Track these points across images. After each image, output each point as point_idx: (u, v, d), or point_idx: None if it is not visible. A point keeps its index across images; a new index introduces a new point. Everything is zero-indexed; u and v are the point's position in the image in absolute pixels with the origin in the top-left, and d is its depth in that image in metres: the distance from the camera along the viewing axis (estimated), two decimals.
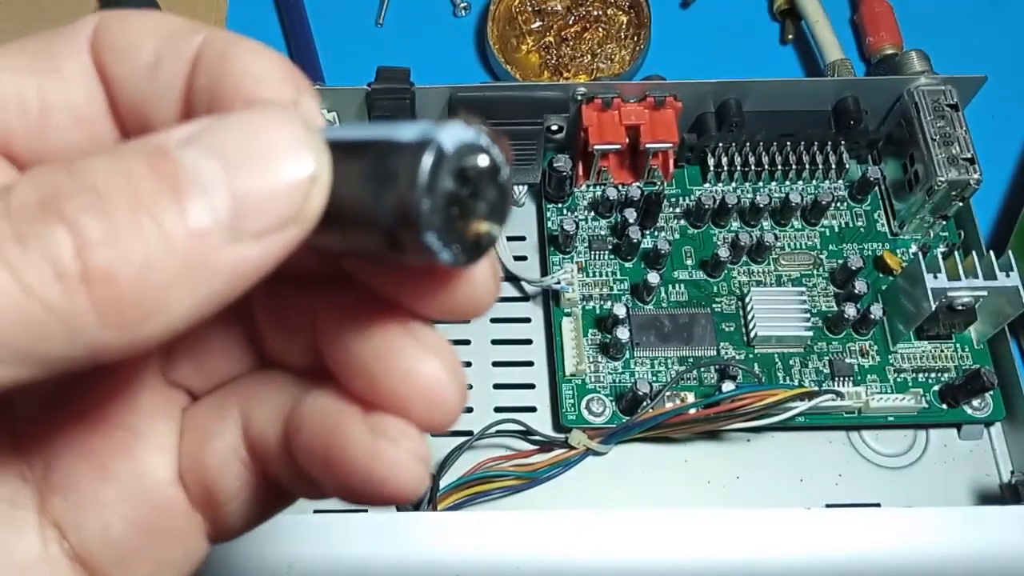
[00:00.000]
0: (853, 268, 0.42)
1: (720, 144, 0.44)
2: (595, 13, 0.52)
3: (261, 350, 0.18)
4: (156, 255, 0.13)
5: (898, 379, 0.41)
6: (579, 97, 0.42)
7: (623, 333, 0.40)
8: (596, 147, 0.42)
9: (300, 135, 0.14)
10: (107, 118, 0.16)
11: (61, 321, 0.12)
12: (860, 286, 0.41)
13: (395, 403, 0.16)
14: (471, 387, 0.42)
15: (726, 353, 0.41)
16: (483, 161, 0.14)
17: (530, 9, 0.52)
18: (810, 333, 0.40)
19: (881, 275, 0.43)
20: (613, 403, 0.40)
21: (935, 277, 0.39)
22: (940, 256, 0.39)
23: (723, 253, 0.42)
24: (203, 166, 0.13)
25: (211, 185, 0.13)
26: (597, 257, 0.43)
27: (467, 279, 0.16)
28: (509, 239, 0.45)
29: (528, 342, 0.43)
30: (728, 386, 0.39)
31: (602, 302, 0.42)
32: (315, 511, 0.39)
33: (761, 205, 0.43)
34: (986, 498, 0.40)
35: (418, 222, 0.13)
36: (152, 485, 0.17)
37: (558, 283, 0.41)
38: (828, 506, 0.39)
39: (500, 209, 0.14)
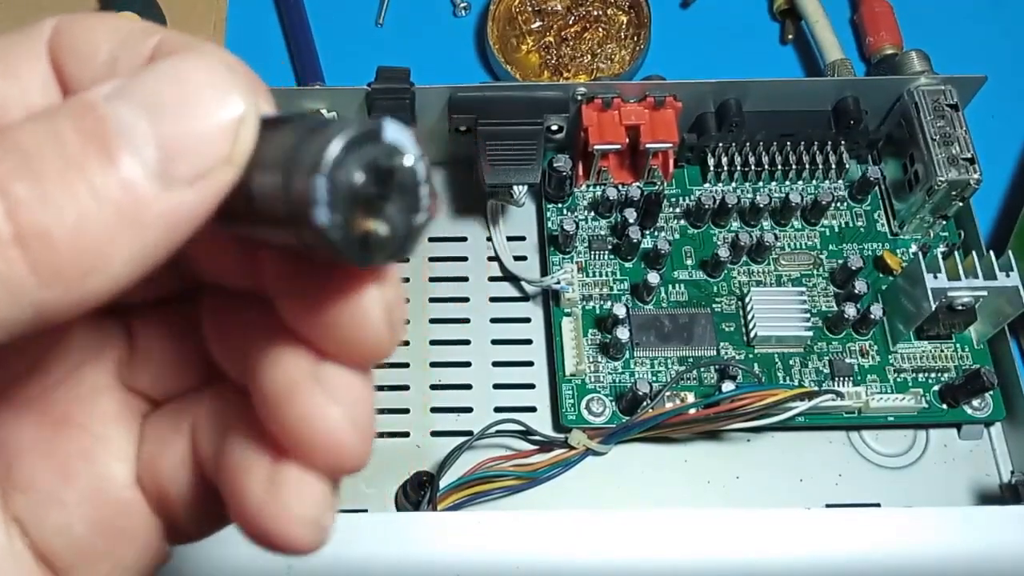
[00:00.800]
0: (853, 268, 0.42)
1: (720, 144, 0.44)
2: (595, 13, 0.52)
3: (213, 366, 0.18)
4: (89, 211, 0.13)
5: (898, 379, 0.41)
6: (579, 97, 0.42)
7: (623, 333, 0.40)
8: (596, 147, 0.42)
9: (225, 77, 0.14)
10: None
11: (1, 284, 0.12)
12: (860, 286, 0.41)
13: (296, 447, 0.15)
14: (471, 387, 0.42)
15: (726, 353, 0.41)
16: (401, 162, 0.14)
17: (530, 9, 0.52)
18: (810, 333, 0.40)
19: (881, 275, 0.43)
20: (613, 403, 0.40)
21: (935, 277, 0.39)
22: (940, 256, 0.39)
23: (723, 253, 0.42)
24: (129, 117, 0.13)
25: (138, 135, 0.13)
26: (597, 257, 0.43)
27: (357, 301, 0.15)
28: (509, 239, 0.45)
29: (528, 342, 0.43)
30: (728, 386, 0.39)
31: (602, 302, 0.42)
32: None
33: (761, 205, 0.43)
34: (986, 498, 0.40)
35: (314, 196, 0.13)
36: (111, 488, 0.17)
37: (558, 283, 0.41)
38: (828, 506, 0.39)
39: (406, 219, 0.14)
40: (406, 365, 0.43)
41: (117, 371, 0.18)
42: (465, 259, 0.45)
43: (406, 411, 0.42)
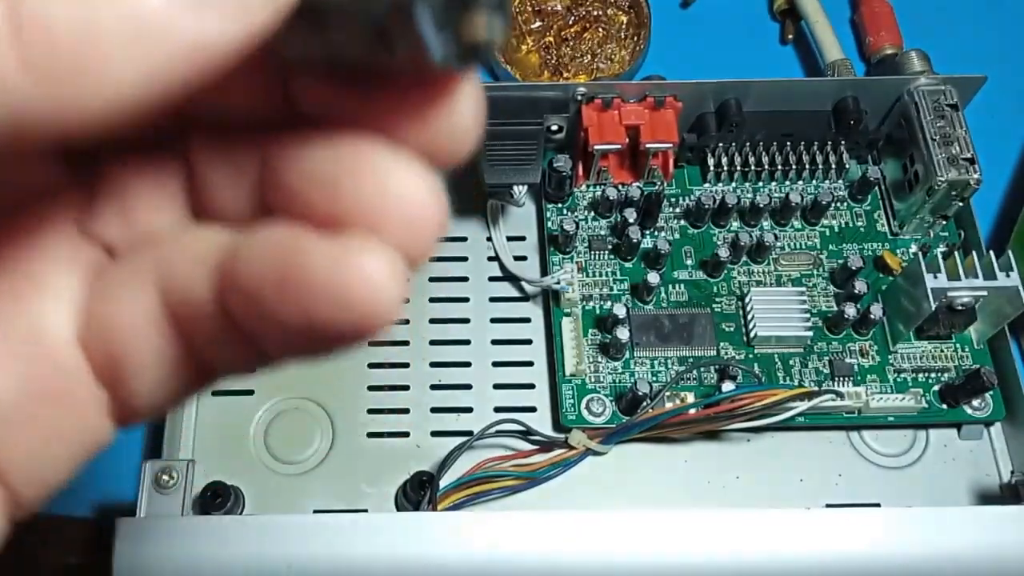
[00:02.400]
0: (853, 268, 0.42)
1: (720, 144, 0.44)
2: (595, 13, 0.52)
3: (195, 200, 0.16)
4: (102, 9, 0.11)
5: (898, 379, 0.41)
6: (579, 97, 0.42)
7: (623, 333, 0.40)
8: (596, 147, 0.42)
9: None
10: None
11: None
12: (860, 286, 0.41)
13: (365, 221, 0.13)
14: (471, 387, 0.42)
15: (726, 353, 0.41)
16: None
17: (530, 9, 0.52)
18: (810, 333, 0.40)
19: (881, 275, 0.43)
20: (613, 403, 0.40)
21: (935, 277, 0.39)
22: (940, 256, 0.39)
23: (723, 253, 0.42)
24: None
25: None
26: (597, 257, 0.43)
27: (451, 103, 0.14)
28: (509, 239, 0.45)
29: (528, 342, 0.43)
30: (728, 386, 0.39)
31: (602, 302, 0.42)
32: (315, 511, 0.39)
33: (761, 205, 0.43)
34: (986, 498, 0.40)
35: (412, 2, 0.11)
36: (49, 343, 0.15)
37: (558, 283, 0.41)
38: (828, 506, 0.39)
39: (502, 9, 0.12)
40: (406, 365, 0.43)
41: (75, 210, 0.16)
42: (465, 259, 0.45)
43: (406, 411, 0.42)
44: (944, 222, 0.43)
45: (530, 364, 0.43)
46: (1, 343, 0.15)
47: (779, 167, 0.44)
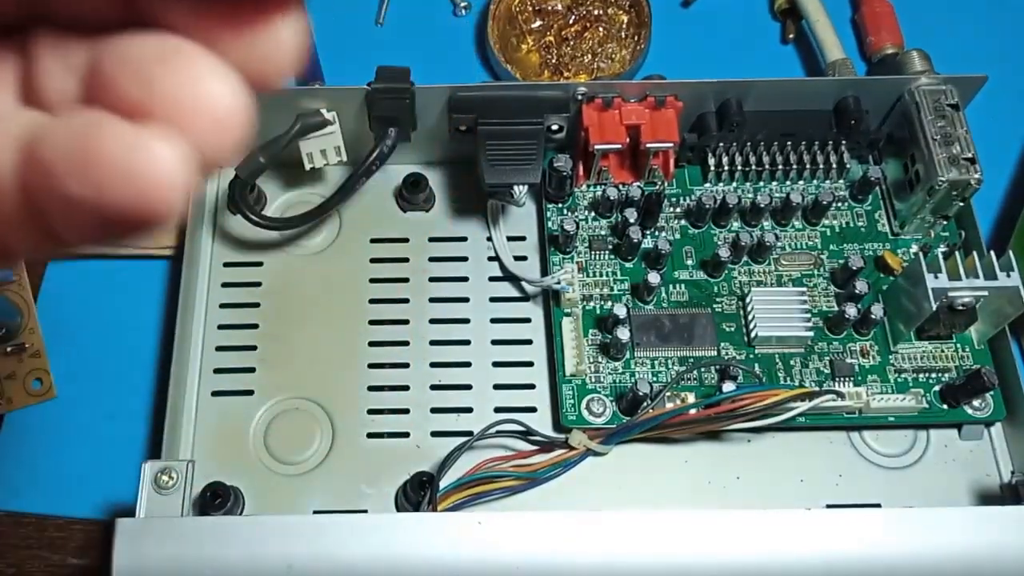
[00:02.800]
0: (854, 268, 0.41)
1: (721, 144, 0.44)
2: (595, 12, 0.52)
3: (27, 85, 0.16)
4: None
5: (899, 379, 0.41)
6: (579, 97, 0.42)
7: (623, 333, 0.40)
8: (596, 147, 0.42)
9: None
10: None
11: None
12: (861, 286, 0.41)
13: (169, 114, 0.14)
14: (471, 387, 0.42)
15: (726, 353, 0.41)
16: None
17: (530, 8, 0.52)
18: (811, 333, 0.40)
19: (882, 275, 0.43)
20: (613, 403, 0.40)
21: (936, 277, 0.38)
22: (941, 256, 0.39)
23: (724, 253, 0.42)
24: None
25: None
26: (597, 257, 0.43)
27: (274, 25, 0.14)
28: (509, 239, 0.45)
29: (528, 342, 0.43)
30: (728, 386, 0.39)
31: (602, 302, 0.42)
32: (315, 511, 0.39)
33: (762, 205, 0.43)
34: (986, 498, 0.40)
35: None
36: None
37: (558, 283, 0.41)
38: (828, 506, 0.39)
39: None
40: (406, 365, 0.43)
41: None
42: (465, 259, 0.45)
43: (406, 411, 0.42)
44: (945, 222, 0.43)
45: (530, 364, 0.43)
46: None
47: (780, 167, 0.44)
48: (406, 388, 0.42)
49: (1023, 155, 0.50)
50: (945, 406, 0.40)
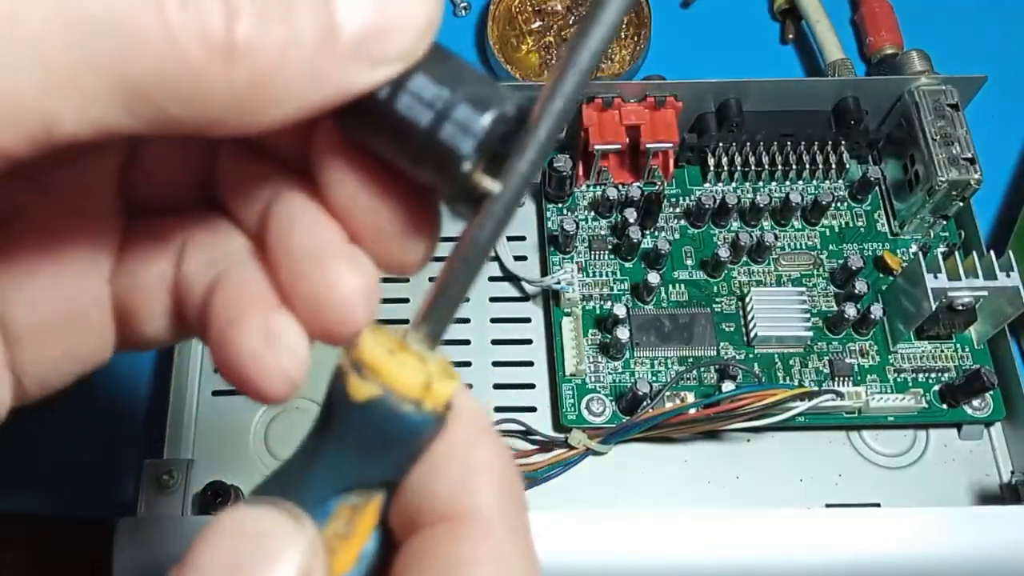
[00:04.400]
0: (853, 268, 0.42)
1: (720, 144, 0.44)
2: None
3: (215, 195, 0.18)
4: (295, 46, 0.13)
5: (898, 379, 0.41)
6: None
7: (623, 333, 0.40)
8: (596, 147, 0.42)
9: None
10: None
11: (194, 84, 0.13)
12: (860, 286, 0.41)
13: (308, 306, 0.16)
14: (471, 387, 0.42)
15: (726, 353, 0.41)
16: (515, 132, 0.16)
17: (530, 9, 0.52)
18: (810, 333, 0.40)
19: (881, 275, 0.43)
20: (613, 403, 0.40)
21: (935, 277, 0.38)
22: (940, 256, 0.39)
23: (723, 253, 0.42)
24: None
25: None
26: (597, 257, 0.43)
27: (427, 230, 0.17)
28: (509, 239, 0.45)
29: (528, 342, 0.43)
30: (728, 386, 0.39)
31: (602, 302, 0.42)
32: None
33: (761, 205, 0.43)
34: (986, 498, 0.40)
35: (461, 152, 0.15)
36: (86, 279, 0.18)
37: (558, 283, 0.41)
38: (828, 506, 0.39)
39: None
40: None
41: (118, 171, 0.18)
42: None
43: None
44: (944, 222, 0.43)
45: (530, 364, 0.43)
46: (50, 270, 0.17)
47: (779, 167, 0.44)
48: None
49: (1023, 155, 0.50)
50: (945, 406, 0.40)
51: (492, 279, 0.45)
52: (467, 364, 0.43)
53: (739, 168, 0.44)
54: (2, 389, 0.18)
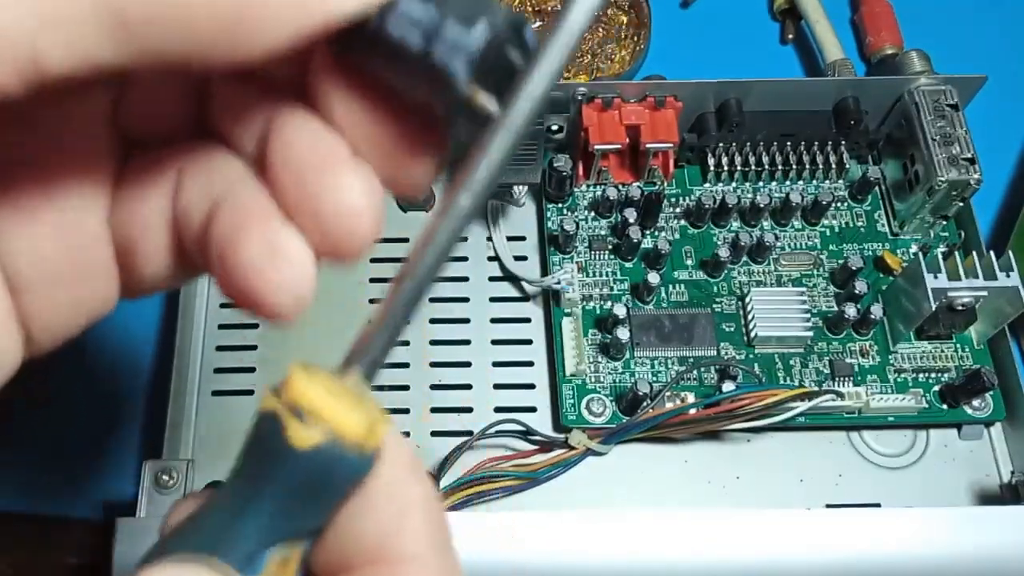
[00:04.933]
0: (853, 268, 0.42)
1: (720, 144, 0.44)
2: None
3: (210, 122, 0.18)
4: None
5: (898, 379, 0.41)
6: (579, 97, 0.42)
7: (623, 333, 0.40)
8: (596, 147, 0.42)
9: None
10: None
11: (180, 13, 0.13)
12: (860, 286, 0.41)
13: (313, 216, 0.16)
14: (471, 387, 0.42)
15: (726, 353, 0.41)
16: (517, 59, 0.15)
17: (530, 9, 0.52)
18: (810, 333, 0.40)
19: (881, 275, 0.43)
20: (613, 403, 0.40)
21: (935, 277, 0.39)
22: (940, 256, 0.39)
23: (723, 253, 0.42)
24: None
25: None
26: (597, 257, 0.43)
27: (433, 151, 0.17)
28: (509, 239, 0.45)
29: (528, 342, 0.43)
30: (728, 386, 0.39)
31: (602, 302, 0.42)
32: None
33: (761, 205, 0.43)
34: (986, 498, 0.40)
35: (456, 68, 0.15)
36: (87, 219, 0.18)
37: (558, 283, 0.41)
38: (828, 506, 0.39)
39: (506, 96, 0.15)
40: (406, 365, 0.43)
41: (111, 107, 0.18)
42: (465, 259, 0.45)
43: (406, 411, 0.42)
44: (944, 222, 0.43)
45: (530, 364, 0.43)
46: (50, 214, 0.17)
47: (779, 167, 0.44)
48: (406, 388, 0.42)
49: (1023, 155, 0.50)
50: (945, 406, 0.40)
51: (492, 279, 0.45)
52: (467, 364, 0.43)
53: (739, 168, 0.44)
54: (12, 341, 0.17)
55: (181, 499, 0.17)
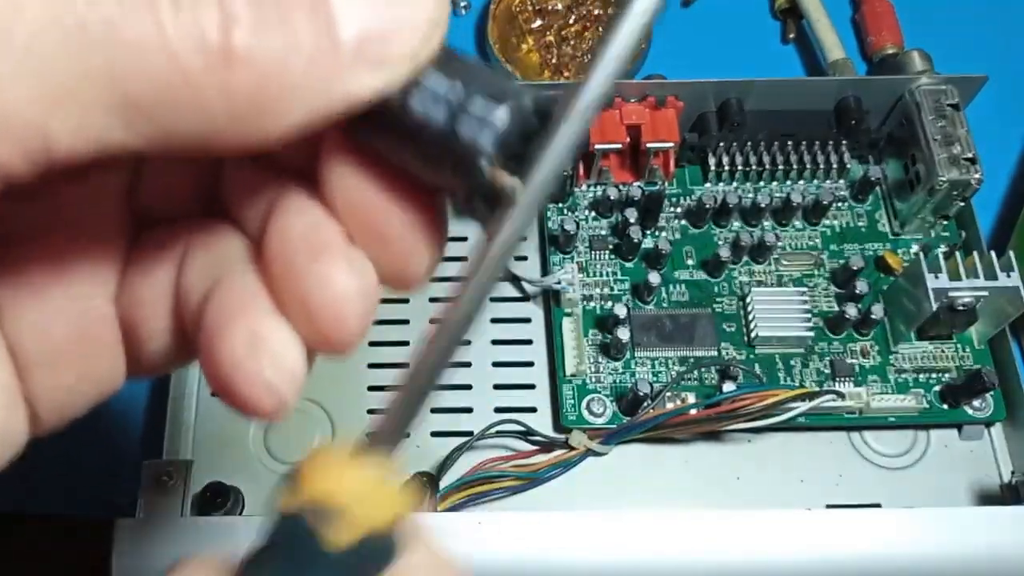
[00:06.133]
0: (854, 268, 0.41)
1: (721, 144, 0.44)
2: (596, 12, 0.52)
3: (219, 200, 0.18)
4: (294, 52, 0.13)
5: (899, 379, 0.41)
6: None
7: (624, 333, 0.39)
8: (597, 147, 0.42)
9: None
10: None
11: (192, 96, 0.13)
12: (861, 286, 0.41)
13: (300, 306, 0.15)
14: (471, 387, 0.42)
15: (727, 353, 0.41)
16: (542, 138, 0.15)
17: (530, 8, 0.52)
18: (811, 333, 0.40)
19: (882, 275, 0.43)
20: (613, 403, 0.40)
21: (936, 277, 0.38)
22: (941, 256, 0.39)
23: (724, 253, 0.42)
24: None
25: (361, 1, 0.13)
26: (597, 257, 0.43)
27: (426, 236, 0.16)
28: None
29: (528, 342, 0.43)
30: (729, 386, 0.39)
31: (602, 302, 0.42)
32: None
33: (762, 205, 0.43)
34: (986, 498, 0.40)
35: (483, 148, 0.14)
36: (95, 299, 0.17)
37: (558, 283, 0.41)
38: (828, 506, 0.39)
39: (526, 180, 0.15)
40: (406, 365, 0.43)
41: (125, 187, 0.18)
42: (465, 259, 0.45)
43: None
44: (945, 222, 0.43)
45: (530, 364, 0.43)
46: (58, 292, 0.17)
47: (780, 167, 0.44)
48: None
49: (1023, 155, 0.50)
50: (945, 406, 0.40)
51: None
52: (467, 364, 0.43)
53: (740, 168, 0.44)
54: (18, 420, 0.17)
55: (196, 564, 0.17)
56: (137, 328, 0.18)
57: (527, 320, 0.44)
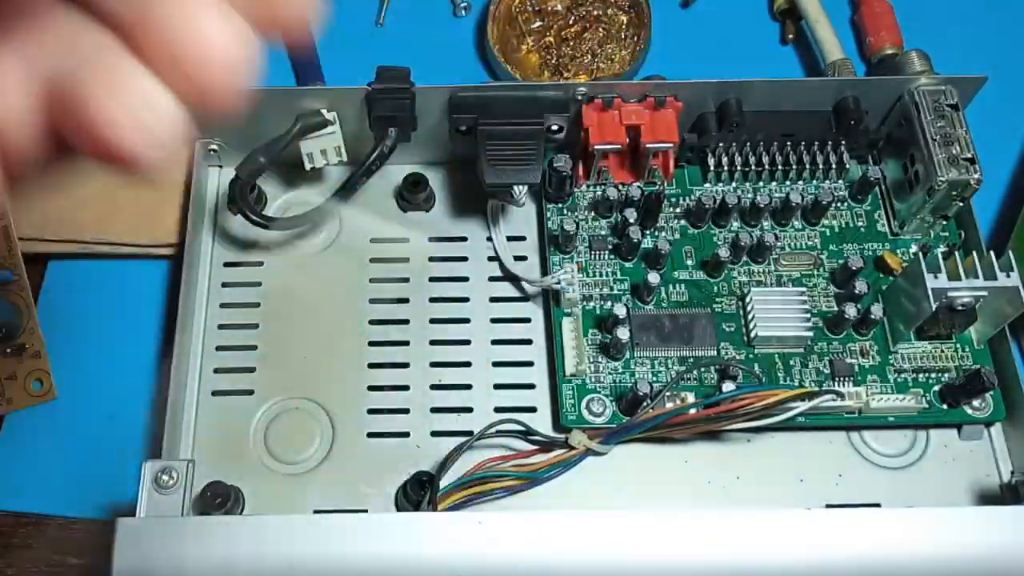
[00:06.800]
0: (853, 268, 0.42)
1: (720, 144, 0.44)
2: (595, 13, 0.52)
3: None
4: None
5: (898, 379, 0.41)
6: (579, 97, 0.42)
7: (623, 333, 0.40)
8: (596, 147, 0.42)
9: None
10: None
11: None
12: (860, 286, 0.41)
13: (164, 54, 0.14)
14: (471, 387, 0.42)
15: (726, 353, 0.41)
16: None
17: (530, 9, 0.52)
18: (810, 333, 0.40)
19: (881, 275, 0.43)
20: (613, 403, 0.40)
21: (935, 277, 0.39)
22: (940, 256, 0.39)
23: (723, 253, 0.42)
24: None
25: None
26: (597, 257, 0.43)
27: None
28: (509, 239, 0.45)
29: (528, 342, 0.43)
30: (728, 386, 0.39)
31: (602, 302, 0.42)
32: (315, 511, 0.39)
33: (761, 205, 0.43)
34: (986, 498, 0.40)
35: None
36: None
37: (558, 283, 0.41)
38: (828, 506, 0.39)
39: None
40: (406, 365, 0.43)
41: None
42: (465, 259, 0.45)
43: (406, 411, 0.42)
44: (944, 222, 0.43)
45: (530, 364, 0.43)
46: None
47: (779, 167, 0.44)
48: (406, 388, 0.42)
49: (1023, 155, 0.50)
50: (945, 406, 0.40)
51: (492, 279, 0.45)
52: (467, 364, 0.43)
53: (739, 168, 0.44)
54: None
55: None
56: (3, 131, 0.16)
57: (527, 320, 0.44)
